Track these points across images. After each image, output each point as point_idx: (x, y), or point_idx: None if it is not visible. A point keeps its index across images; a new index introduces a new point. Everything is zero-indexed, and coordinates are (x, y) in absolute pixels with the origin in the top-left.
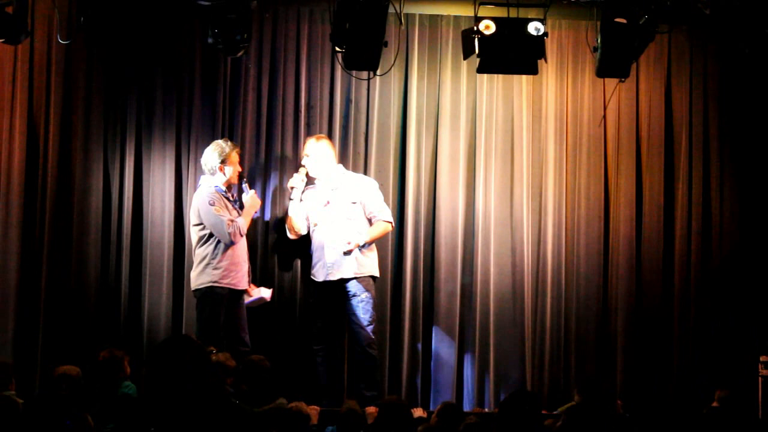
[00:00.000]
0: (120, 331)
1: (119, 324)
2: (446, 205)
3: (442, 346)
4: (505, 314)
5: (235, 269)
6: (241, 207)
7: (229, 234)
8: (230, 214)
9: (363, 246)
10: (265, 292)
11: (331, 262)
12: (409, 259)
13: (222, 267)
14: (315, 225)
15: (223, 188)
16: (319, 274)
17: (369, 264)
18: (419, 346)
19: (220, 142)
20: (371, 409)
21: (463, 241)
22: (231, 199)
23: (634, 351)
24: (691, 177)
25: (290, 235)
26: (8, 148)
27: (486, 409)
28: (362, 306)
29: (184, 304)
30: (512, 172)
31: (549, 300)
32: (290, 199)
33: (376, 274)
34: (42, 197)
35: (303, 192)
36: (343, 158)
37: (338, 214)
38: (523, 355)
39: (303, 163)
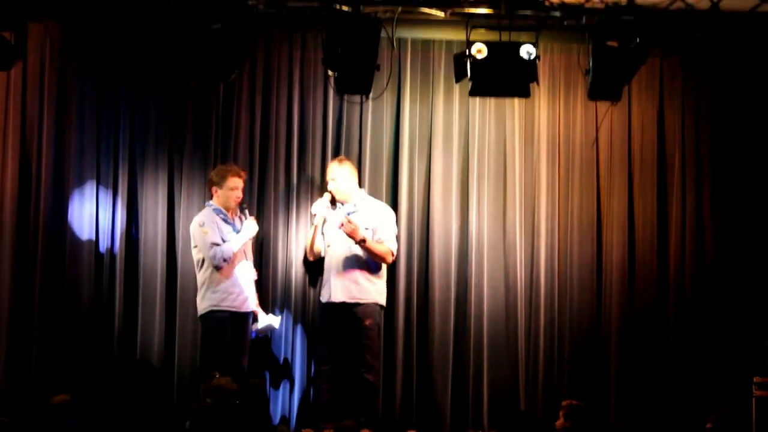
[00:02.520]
0: (113, 356)
1: (112, 348)
2: (439, 227)
3: (437, 367)
4: (498, 336)
5: (235, 291)
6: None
7: (211, 257)
8: (220, 237)
9: (358, 242)
10: (274, 320)
11: (336, 285)
12: (402, 281)
13: (220, 290)
14: (328, 246)
15: (222, 210)
16: (325, 295)
17: (373, 291)
18: (413, 367)
19: (223, 165)
20: None
21: (456, 264)
22: (230, 221)
23: (628, 373)
24: (684, 199)
25: (309, 257)
26: (1, 173)
27: (482, 431)
28: (366, 333)
29: (176, 329)
30: (505, 194)
31: (542, 321)
32: (313, 225)
33: (382, 302)
34: (35, 221)
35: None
36: None
37: (346, 238)
38: (516, 376)
39: (329, 188)
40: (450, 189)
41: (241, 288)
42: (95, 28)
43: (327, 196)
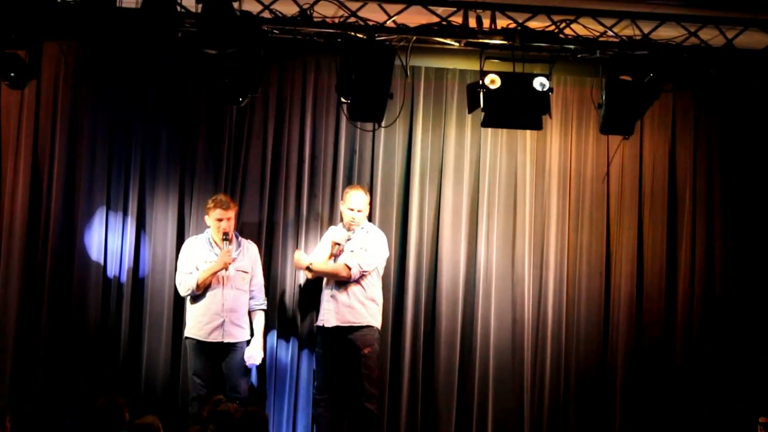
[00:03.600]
0: (118, 378)
1: (118, 371)
2: (448, 257)
3: (441, 397)
4: (504, 368)
5: (203, 320)
6: None
7: (177, 285)
8: (194, 266)
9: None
10: (249, 356)
11: (329, 309)
12: (409, 311)
13: (191, 318)
14: None
15: (211, 239)
16: (320, 320)
17: (366, 314)
18: (418, 396)
19: (216, 195)
20: None
21: (463, 294)
22: (215, 252)
23: (634, 408)
24: (694, 236)
25: (309, 276)
26: (11, 192)
27: None
28: (365, 362)
29: (182, 353)
30: (515, 226)
31: (549, 354)
32: (333, 255)
33: (377, 324)
34: (44, 241)
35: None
36: None
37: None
38: (521, 408)
39: (354, 218)
40: (459, 219)
41: (210, 318)
42: (109, 49)
43: (349, 232)
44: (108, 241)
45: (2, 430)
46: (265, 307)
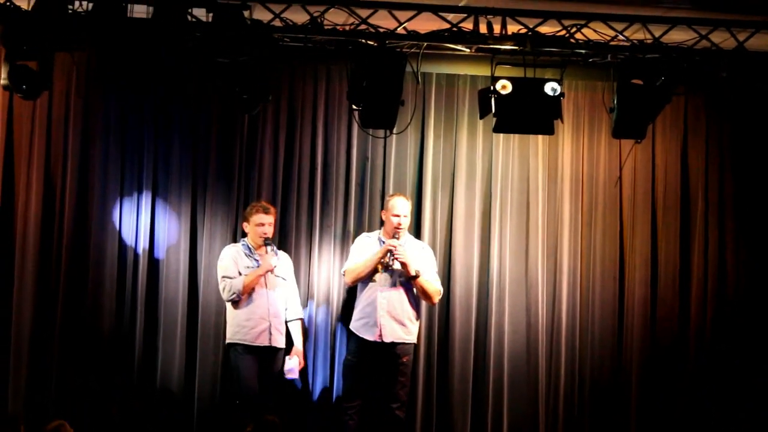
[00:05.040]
0: (133, 385)
1: (132, 378)
2: (461, 263)
3: (456, 404)
4: (519, 373)
5: (248, 325)
6: None
7: (221, 290)
8: (237, 271)
9: (411, 278)
10: (288, 366)
11: (386, 326)
12: (423, 317)
13: (235, 323)
14: (373, 281)
15: (249, 245)
16: (368, 333)
17: (415, 332)
18: (433, 403)
19: (255, 201)
20: None
21: (477, 300)
22: (254, 257)
23: (649, 412)
24: (707, 239)
25: (348, 281)
26: (25, 200)
27: None
28: (402, 370)
29: (197, 359)
30: (527, 231)
31: (563, 359)
32: (387, 263)
33: (415, 341)
34: (58, 249)
35: (362, 242)
36: (359, 216)
37: (397, 278)
38: (536, 414)
39: (401, 224)
40: (472, 225)
41: (256, 323)
42: (121, 59)
43: (374, 236)
44: (121, 249)
45: None
46: (303, 317)
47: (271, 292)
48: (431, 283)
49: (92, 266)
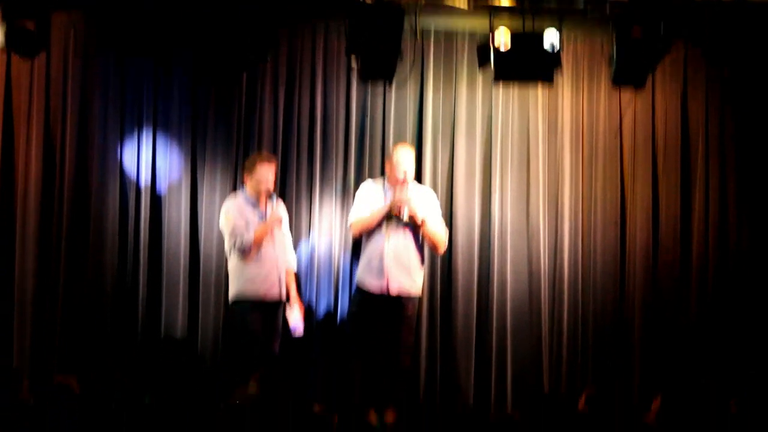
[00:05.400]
0: (137, 339)
1: (136, 332)
2: (462, 214)
3: (460, 351)
4: (522, 321)
5: (259, 280)
6: None
7: (231, 245)
8: (244, 225)
9: (419, 225)
10: (293, 322)
11: (393, 278)
12: (427, 266)
13: (244, 278)
14: (378, 232)
15: (252, 198)
16: (373, 285)
17: (420, 281)
18: (437, 351)
19: (255, 153)
20: (390, 414)
21: (479, 250)
22: (258, 209)
23: (652, 357)
24: (707, 186)
25: (354, 233)
26: (25, 160)
27: (505, 413)
28: (407, 321)
29: (200, 314)
30: (528, 181)
31: (566, 306)
32: (397, 216)
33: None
34: (59, 207)
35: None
36: (359, 169)
37: (403, 226)
38: (540, 359)
39: (407, 178)
40: (473, 176)
41: (266, 276)
42: (119, 17)
43: (378, 183)
44: (122, 204)
45: (20, 391)
46: (295, 266)
47: (278, 246)
48: (437, 230)
49: (94, 221)
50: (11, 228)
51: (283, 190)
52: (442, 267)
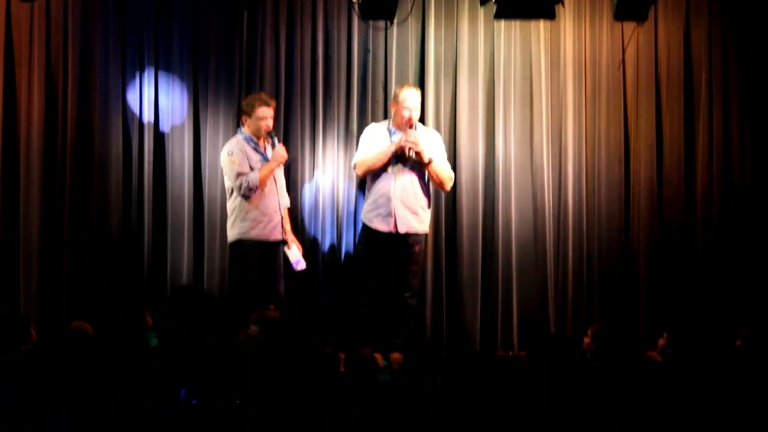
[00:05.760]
0: (143, 282)
1: (142, 275)
2: (466, 152)
3: (466, 290)
4: (527, 258)
5: (264, 221)
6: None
7: (237, 187)
8: (248, 166)
9: (425, 164)
10: (295, 258)
11: (400, 216)
12: (431, 206)
13: (249, 219)
14: (385, 171)
15: (253, 138)
16: (381, 224)
17: (428, 220)
18: (442, 291)
19: (254, 94)
20: (396, 355)
21: (483, 188)
22: (260, 150)
23: (658, 292)
24: (711, 118)
25: (359, 173)
26: (27, 104)
27: (511, 353)
28: (414, 259)
29: (205, 255)
30: (531, 117)
31: (571, 243)
32: (403, 156)
33: (428, 230)
34: (62, 151)
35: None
36: (362, 108)
37: (410, 167)
38: (546, 298)
39: (412, 117)
40: (476, 114)
41: (270, 217)
42: None
43: (383, 125)
44: (126, 147)
45: (28, 338)
46: (289, 205)
47: (280, 187)
48: (443, 169)
49: (97, 168)
50: (15, 172)
51: (286, 130)
52: (446, 205)
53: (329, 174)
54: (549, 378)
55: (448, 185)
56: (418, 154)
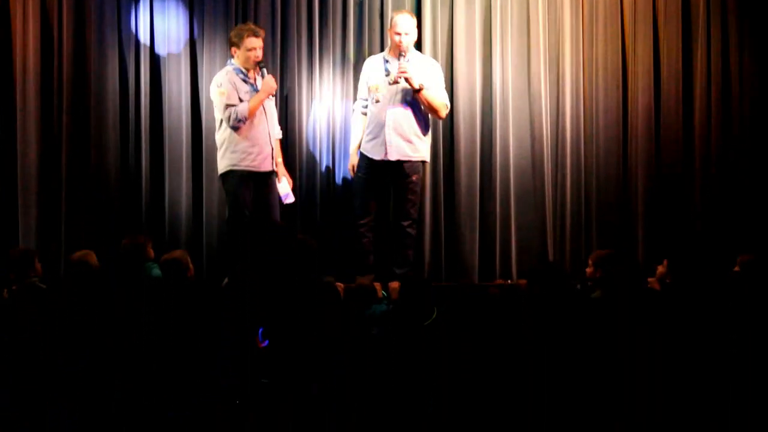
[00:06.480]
0: (142, 216)
1: (141, 208)
2: (463, 79)
3: (464, 220)
4: (525, 186)
5: (254, 152)
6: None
7: (226, 118)
8: (237, 98)
9: (415, 91)
10: (284, 191)
11: (392, 143)
12: (429, 135)
13: (239, 150)
14: (377, 101)
15: (242, 69)
16: (375, 152)
17: (423, 149)
18: (441, 221)
19: (242, 24)
20: (394, 285)
21: (481, 115)
22: (249, 81)
23: (655, 220)
24: (709, 43)
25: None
26: (23, 37)
27: (510, 281)
28: (411, 187)
29: (203, 188)
30: (529, 44)
31: (569, 170)
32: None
33: (427, 159)
34: (59, 84)
35: (366, 68)
36: (359, 37)
37: (404, 95)
38: (544, 226)
39: (402, 42)
40: (473, 40)
41: (261, 148)
42: None
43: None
44: (122, 79)
45: (33, 270)
46: (281, 137)
47: (270, 118)
48: (435, 97)
49: (94, 99)
50: (11, 104)
51: (283, 60)
52: (444, 134)
53: (326, 104)
54: (549, 307)
55: (443, 113)
56: (407, 81)
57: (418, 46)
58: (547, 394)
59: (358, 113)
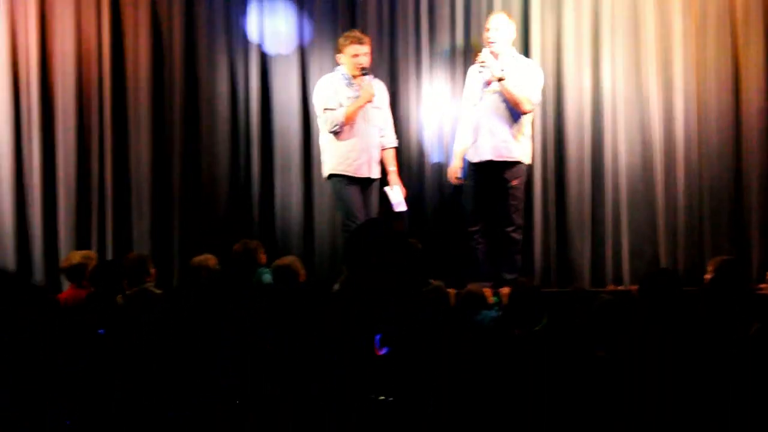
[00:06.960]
0: (253, 221)
1: (251, 214)
2: (571, 83)
3: (574, 225)
4: (636, 192)
5: (351, 157)
6: None
7: (323, 123)
8: (337, 103)
9: (498, 80)
10: (396, 200)
11: (485, 143)
12: (538, 139)
13: (337, 155)
14: (474, 105)
15: (347, 75)
16: (474, 155)
17: (520, 150)
18: (551, 226)
19: (349, 31)
20: (505, 290)
21: (590, 120)
22: (354, 88)
23: None
24: None
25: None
26: (134, 45)
27: (622, 287)
28: (512, 192)
29: (314, 192)
30: (638, 48)
31: (681, 176)
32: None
33: (528, 161)
34: (170, 88)
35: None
36: (466, 35)
37: (498, 98)
38: (656, 232)
39: (490, 38)
40: (581, 44)
41: (358, 154)
42: None
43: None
44: (232, 86)
45: (148, 275)
46: (396, 145)
47: (370, 125)
48: (516, 89)
49: (205, 105)
50: (124, 110)
51: (391, 65)
52: (553, 139)
53: (434, 108)
54: (662, 314)
55: (525, 106)
56: (487, 68)
57: (526, 51)
58: (661, 402)
59: (464, 119)
